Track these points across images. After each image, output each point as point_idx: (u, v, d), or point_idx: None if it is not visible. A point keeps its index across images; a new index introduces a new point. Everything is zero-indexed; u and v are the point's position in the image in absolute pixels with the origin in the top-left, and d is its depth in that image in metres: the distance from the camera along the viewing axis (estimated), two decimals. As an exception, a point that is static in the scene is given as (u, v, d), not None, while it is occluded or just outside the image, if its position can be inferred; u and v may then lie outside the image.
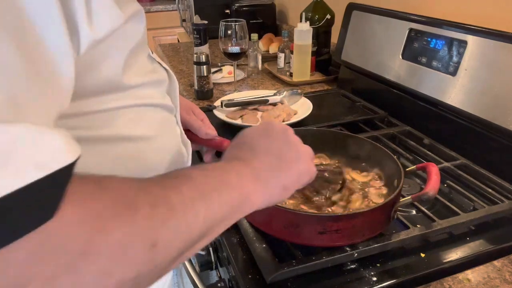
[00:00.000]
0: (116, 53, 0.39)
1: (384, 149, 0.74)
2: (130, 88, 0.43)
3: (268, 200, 0.45)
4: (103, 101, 0.40)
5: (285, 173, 0.46)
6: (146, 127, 0.46)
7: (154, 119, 0.48)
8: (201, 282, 0.72)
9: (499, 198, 0.73)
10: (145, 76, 0.46)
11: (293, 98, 1.20)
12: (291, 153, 0.48)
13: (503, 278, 0.58)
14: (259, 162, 0.45)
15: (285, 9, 2.11)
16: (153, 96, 0.48)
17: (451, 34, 0.92)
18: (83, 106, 0.39)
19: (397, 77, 1.08)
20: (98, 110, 0.40)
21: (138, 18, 0.41)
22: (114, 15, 0.36)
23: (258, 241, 0.62)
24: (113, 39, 0.36)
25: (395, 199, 0.61)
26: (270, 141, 0.48)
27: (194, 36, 1.60)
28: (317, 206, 0.66)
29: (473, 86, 0.86)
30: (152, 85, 0.48)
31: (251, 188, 0.42)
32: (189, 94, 1.37)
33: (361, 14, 1.24)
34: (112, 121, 0.42)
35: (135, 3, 0.41)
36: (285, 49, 1.53)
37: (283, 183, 0.46)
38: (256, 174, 0.43)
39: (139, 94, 0.45)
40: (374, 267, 0.60)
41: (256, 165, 0.44)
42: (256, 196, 0.43)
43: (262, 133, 0.49)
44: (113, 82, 0.40)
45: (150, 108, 0.47)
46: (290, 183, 0.47)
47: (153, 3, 3.51)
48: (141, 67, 0.45)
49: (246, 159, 0.45)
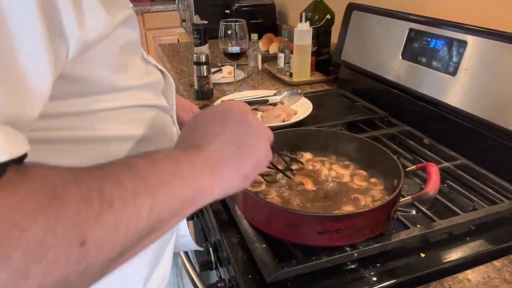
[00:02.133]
0: (107, 57, 0.39)
1: (384, 149, 0.74)
2: (123, 90, 0.43)
3: (226, 191, 0.42)
4: (96, 101, 0.40)
5: (245, 161, 0.43)
6: (140, 127, 0.46)
7: (149, 120, 0.48)
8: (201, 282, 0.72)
9: (499, 198, 0.73)
10: (139, 79, 0.46)
11: (293, 98, 1.20)
12: (251, 139, 0.44)
13: (503, 278, 0.58)
14: (216, 150, 0.41)
15: (285, 9, 2.11)
16: (148, 97, 0.48)
17: (451, 34, 0.92)
18: (76, 106, 0.39)
19: (397, 77, 1.08)
20: (91, 110, 0.40)
21: (129, 22, 0.42)
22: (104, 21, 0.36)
23: (258, 241, 0.62)
24: (104, 43, 0.37)
25: (395, 199, 0.61)
26: (228, 126, 0.43)
27: (194, 36, 1.60)
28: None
29: (473, 86, 0.86)
30: (146, 87, 0.48)
31: (206, 180, 0.38)
32: (189, 94, 1.37)
33: (361, 14, 1.24)
34: (105, 122, 0.42)
35: (127, 8, 0.42)
36: (285, 49, 1.53)
37: (243, 172, 0.43)
38: (212, 164, 0.40)
39: (133, 95, 0.45)
40: (374, 267, 0.60)
41: (212, 153, 0.40)
42: (213, 187, 0.39)
43: (219, 117, 0.45)
44: (105, 83, 0.40)
45: (144, 109, 0.47)
46: (250, 172, 0.44)
47: (153, 3, 3.51)
48: (134, 70, 0.45)
49: (202, 147, 0.41)
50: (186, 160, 0.38)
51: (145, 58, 0.50)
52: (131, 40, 0.43)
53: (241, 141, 0.43)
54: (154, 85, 0.51)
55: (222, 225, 0.69)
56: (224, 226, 0.69)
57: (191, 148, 0.41)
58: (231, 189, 0.42)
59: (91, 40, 0.34)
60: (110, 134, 0.43)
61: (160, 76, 0.54)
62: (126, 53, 0.42)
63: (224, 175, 0.41)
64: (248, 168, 0.43)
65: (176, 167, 0.36)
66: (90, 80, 0.39)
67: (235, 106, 0.46)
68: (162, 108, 0.52)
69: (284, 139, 0.80)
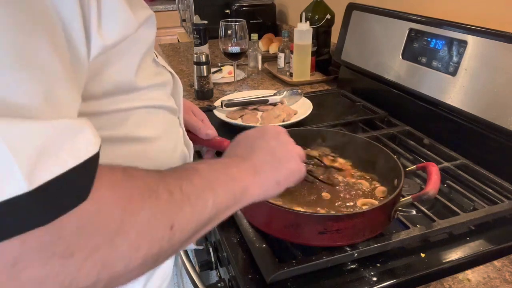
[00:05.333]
0: (129, 57, 0.41)
1: (384, 149, 0.74)
2: (140, 89, 0.44)
3: (264, 194, 0.49)
4: (114, 102, 0.42)
5: (279, 169, 0.51)
6: (152, 128, 0.48)
7: (160, 121, 0.50)
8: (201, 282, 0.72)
9: (499, 198, 0.73)
10: (152, 79, 0.47)
11: (293, 98, 1.20)
12: (284, 153, 0.53)
13: (503, 278, 0.58)
14: (256, 159, 0.50)
15: (285, 9, 2.11)
16: (160, 98, 0.49)
17: (451, 34, 0.92)
18: (95, 106, 0.40)
19: (397, 77, 1.08)
20: (109, 110, 0.41)
21: (150, 23, 0.43)
22: (128, 22, 0.38)
23: (258, 241, 0.62)
24: (126, 43, 0.39)
25: (395, 199, 0.61)
26: (265, 141, 0.53)
27: (194, 36, 1.60)
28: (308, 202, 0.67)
29: (473, 86, 0.86)
30: (158, 87, 0.49)
31: (249, 180, 0.47)
32: (189, 94, 1.37)
33: (361, 14, 1.24)
34: (122, 122, 0.43)
35: (147, 8, 0.43)
36: (285, 49, 1.53)
37: (277, 179, 0.50)
38: (254, 168, 0.48)
39: (148, 96, 0.46)
40: (374, 267, 0.60)
41: (254, 161, 0.49)
42: (253, 188, 0.47)
43: (258, 134, 0.55)
44: (124, 84, 0.42)
45: (156, 110, 0.49)
46: (283, 179, 0.51)
47: (153, 3, 3.51)
48: (148, 70, 0.46)
49: (245, 156, 0.50)
50: (234, 165, 0.47)
51: (155, 60, 0.50)
52: (150, 40, 0.44)
53: (276, 153, 0.52)
54: (165, 85, 0.52)
55: (222, 225, 0.69)
56: (224, 226, 0.69)
57: (237, 157, 0.51)
58: (266, 192, 0.50)
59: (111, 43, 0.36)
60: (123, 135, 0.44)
61: (169, 77, 0.54)
62: (144, 53, 0.43)
63: (262, 178, 0.49)
64: (281, 175, 0.51)
65: (229, 171, 0.46)
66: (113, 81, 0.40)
67: (271, 127, 0.58)
68: (172, 109, 0.53)
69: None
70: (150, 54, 0.47)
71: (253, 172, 0.48)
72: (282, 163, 0.52)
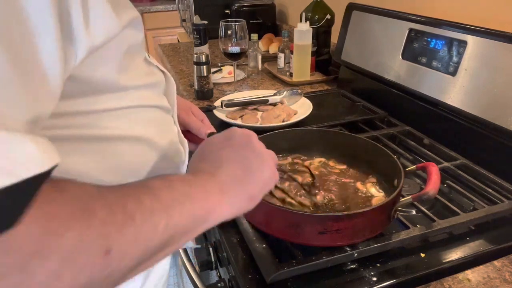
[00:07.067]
0: (113, 57, 0.40)
1: (384, 149, 0.74)
2: (126, 89, 0.44)
3: (236, 212, 0.45)
4: (100, 101, 0.41)
5: (250, 183, 0.46)
6: (142, 127, 0.47)
7: (151, 120, 0.49)
8: (201, 282, 0.72)
9: (499, 198, 0.73)
10: (142, 79, 0.47)
11: (293, 98, 1.20)
12: (256, 162, 0.48)
13: (503, 278, 0.58)
14: (224, 175, 0.44)
15: (285, 9, 2.11)
16: (150, 97, 0.49)
17: (451, 34, 0.92)
18: (80, 105, 0.39)
19: (397, 77, 1.08)
20: (95, 110, 0.41)
21: (135, 24, 0.42)
22: (111, 24, 0.37)
23: (258, 241, 0.62)
24: (110, 45, 0.38)
25: (395, 199, 0.61)
26: (234, 150, 0.47)
27: (194, 36, 1.60)
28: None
29: (473, 86, 0.86)
30: (148, 87, 0.49)
31: (216, 201, 0.42)
32: (189, 94, 1.37)
33: (361, 14, 1.24)
34: (111, 121, 0.43)
35: (133, 9, 0.42)
36: (285, 49, 1.53)
37: (249, 194, 0.46)
38: (221, 187, 0.43)
39: (136, 95, 0.46)
40: (374, 267, 0.60)
41: (221, 177, 0.44)
42: (221, 208, 0.42)
43: (226, 143, 0.49)
44: (109, 84, 0.41)
45: (146, 109, 0.48)
46: (256, 193, 0.47)
47: (153, 3, 3.51)
48: (138, 70, 0.46)
49: (212, 171, 0.45)
50: (198, 183, 0.42)
51: (147, 60, 0.50)
52: (136, 41, 0.44)
53: (247, 164, 0.46)
54: (156, 85, 0.52)
55: (222, 225, 0.69)
56: (224, 226, 0.68)
57: (201, 173, 0.45)
58: (239, 209, 0.45)
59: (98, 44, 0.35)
60: (115, 134, 0.44)
61: (161, 77, 0.54)
62: (131, 53, 0.43)
63: (231, 197, 0.44)
64: (254, 189, 0.46)
65: (189, 189, 0.40)
66: (95, 79, 0.39)
67: (239, 131, 0.50)
68: (164, 108, 0.53)
69: (284, 139, 0.80)
70: (139, 54, 0.47)
71: (219, 192, 0.42)
72: (254, 174, 0.47)
